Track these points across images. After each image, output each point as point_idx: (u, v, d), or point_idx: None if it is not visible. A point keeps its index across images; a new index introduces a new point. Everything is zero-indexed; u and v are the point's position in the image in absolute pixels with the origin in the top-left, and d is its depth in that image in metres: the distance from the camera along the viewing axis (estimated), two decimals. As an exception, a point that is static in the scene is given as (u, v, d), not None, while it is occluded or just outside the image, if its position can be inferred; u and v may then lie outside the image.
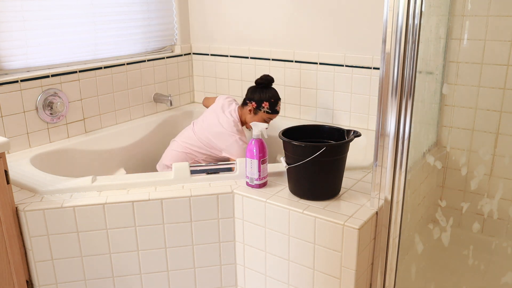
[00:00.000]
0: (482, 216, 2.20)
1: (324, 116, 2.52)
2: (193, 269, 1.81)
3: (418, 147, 2.02)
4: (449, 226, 2.13)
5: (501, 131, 2.10)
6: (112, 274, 1.76)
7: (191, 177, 1.83)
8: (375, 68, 2.30)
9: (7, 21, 2.08)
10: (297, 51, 2.52)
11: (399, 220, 1.60)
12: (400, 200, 1.59)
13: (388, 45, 1.47)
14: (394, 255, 1.64)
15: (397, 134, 1.53)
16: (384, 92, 1.52)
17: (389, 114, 1.53)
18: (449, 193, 2.28)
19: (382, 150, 1.57)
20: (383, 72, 1.50)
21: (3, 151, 1.58)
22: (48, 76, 2.19)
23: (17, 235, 1.65)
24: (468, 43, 2.09)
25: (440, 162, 2.20)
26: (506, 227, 2.16)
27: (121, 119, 2.58)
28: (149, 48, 2.74)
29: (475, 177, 2.18)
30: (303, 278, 1.68)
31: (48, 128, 2.23)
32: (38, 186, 1.76)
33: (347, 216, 1.56)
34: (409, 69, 1.47)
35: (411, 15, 1.41)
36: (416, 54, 1.45)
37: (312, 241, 1.61)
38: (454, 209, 2.26)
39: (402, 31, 1.44)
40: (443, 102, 2.22)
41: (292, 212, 1.63)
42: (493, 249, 2.15)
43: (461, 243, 2.17)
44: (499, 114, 2.08)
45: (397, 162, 1.55)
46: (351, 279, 1.56)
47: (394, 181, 1.58)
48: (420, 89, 1.81)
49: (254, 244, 1.77)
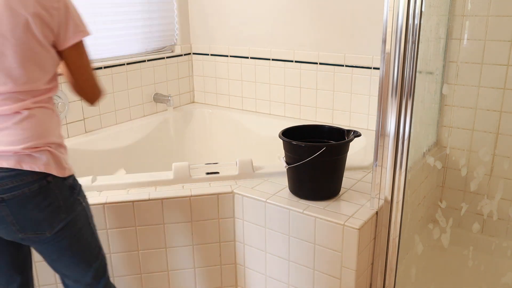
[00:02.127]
0: (482, 216, 2.20)
1: (324, 116, 2.52)
2: (193, 269, 1.81)
3: (418, 147, 2.02)
4: (448, 227, 2.13)
5: (501, 131, 2.10)
6: (112, 274, 1.76)
7: (191, 177, 1.83)
8: (375, 68, 2.29)
9: (7, 21, 2.08)
10: (297, 51, 2.52)
11: (399, 220, 1.60)
12: (400, 200, 1.59)
13: (388, 45, 1.47)
14: (394, 255, 1.64)
15: (397, 134, 1.53)
16: (384, 92, 1.52)
17: (389, 114, 1.53)
18: (449, 193, 2.28)
19: (382, 150, 1.57)
20: (383, 72, 1.51)
21: (3, 151, 1.58)
22: (48, 76, 2.19)
23: (17, 235, 1.65)
24: (468, 43, 2.09)
25: (440, 162, 2.20)
26: (506, 227, 2.16)
27: (121, 119, 2.58)
28: (149, 48, 2.74)
29: (475, 178, 2.18)
30: (303, 278, 1.68)
31: (48, 128, 2.23)
32: (38, 186, 1.76)
33: (347, 216, 1.56)
34: (409, 69, 1.47)
35: (411, 15, 1.42)
36: (416, 54, 1.46)
37: (312, 241, 1.61)
38: (454, 209, 2.26)
39: (402, 31, 1.44)
40: (443, 102, 2.22)
41: (292, 212, 1.63)
42: (493, 250, 2.15)
43: (461, 243, 2.17)
44: (499, 114, 2.08)
45: (397, 162, 1.56)
46: (351, 279, 1.56)
47: (394, 181, 1.58)
48: (420, 89, 1.81)
49: (254, 244, 1.77)
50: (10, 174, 1.12)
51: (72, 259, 1.28)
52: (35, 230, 1.18)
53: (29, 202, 1.15)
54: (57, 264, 1.31)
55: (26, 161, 1.13)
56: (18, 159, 1.13)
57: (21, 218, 1.15)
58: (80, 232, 1.28)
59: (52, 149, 1.19)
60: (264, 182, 1.83)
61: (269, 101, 2.69)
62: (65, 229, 1.23)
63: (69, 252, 1.27)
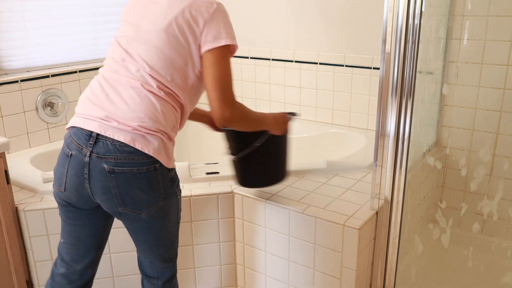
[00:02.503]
0: (482, 217, 2.20)
1: (324, 116, 2.52)
2: (193, 269, 1.81)
3: (418, 147, 2.02)
4: (448, 227, 2.13)
5: (501, 131, 2.09)
6: (112, 274, 1.76)
7: (191, 177, 1.83)
8: (375, 68, 2.29)
9: (7, 21, 2.08)
10: (297, 51, 2.52)
11: (399, 220, 1.60)
12: (400, 200, 1.59)
13: (388, 45, 1.47)
14: (394, 255, 1.64)
15: (397, 134, 1.53)
16: (384, 92, 1.52)
17: (389, 114, 1.53)
18: (449, 193, 2.28)
19: (382, 150, 1.57)
20: (383, 72, 1.51)
21: (3, 151, 1.58)
22: (48, 76, 2.19)
23: (17, 235, 1.65)
24: (468, 43, 2.09)
25: (440, 162, 2.20)
26: (506, 228, 2.16)
27: (121, 119, 2.58)
28: (149, 48, 2.74)
29: (475, 179, 2.18)
30: (303, 278, 1.68)
31: (48, 128, 2.23)
32: (38, 186, 1.76)
33: (347, 216, 1.56)
34: (409, 69, 1.47)
35: (411, 15, 1.42)
36: (416, 54, 1.46)
37: (312, 241, 1.61)
38: (454, 209, 2.26)
39: (402, 31, 1.44)
40: (443, 102, 2.22)
41: (292, 212, 1.63)
42: (493, 250, 2.14)
43: (461, 243, 2.17)
44: (499, 114, 2.08)
45: (397, 162, 1.56)
46: (351, 279, 1.56)
47: (394, 181, 1.58)
48: (420, 89, 1.81)
49: (254, 244, 1.77)
50: (125, 149, 1.19)
51: (155, 242, 1.36)
52: (133, 208, 1.25)
53: (135, 181, 1.22)
54: (140, 244, 1.38)
55: (139, 141, 1.20)
56: (133, 137, 1.20)
57: (124, 194, 1.22)
58: (169, 220, 1.35)
59: (164, 138, 1.25)
60: (264, 182, 1.83)
61: (269, 101, 2.69)
62: (158, 215, 1.29)
63: (155, 236, 1.34)
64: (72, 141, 1.24)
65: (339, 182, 1.84)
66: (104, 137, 1.20)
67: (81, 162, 1.21)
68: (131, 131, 1.20)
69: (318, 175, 1.90)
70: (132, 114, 1.21)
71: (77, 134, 1.23)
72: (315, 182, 1.84)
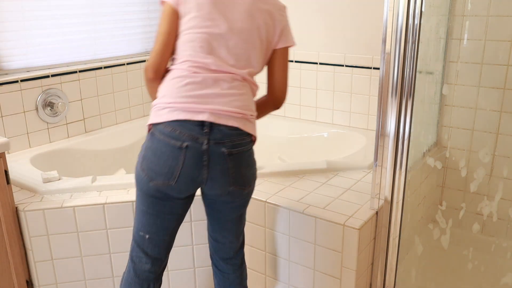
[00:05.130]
0: (482, 217, 2.20)
1: (324, 116, 2.52)
2: (193, 269, 1.81)
3: (418, 147, 2.02)
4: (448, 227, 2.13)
5: (501, 131, 2.09)
6: (112, 274, 1.76)
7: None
8: (375, 68, 2.29)
9: (7, 21, 2.08)
10: (297, 51, 2.52)
11: (399, 220, 1.60)
12: (400, 200, 1.59)
13: (388, 45, 1.47)
14: (394, 255, 1.64)
15: (397, 134, 1.53)
16: (384, 92, 1.52)
17: (389, 114, 1.53)
18: (449, 193, 2.28)
19: (382, 150, 1.57)
20: (383, 72, 1.51)
21: (3, 151, 1.58)
22: (48, 76, 2.19)
23: (17, 235, 1.65)
24: (468, 43, 2.09)
25: (440, 162, 2.20)
26: (506, 228, 2.16)
27: (121, 119, 2.58)
28: (149, 48, 2.73)
29: (475, 179, 2.18)
30: (303, 278, 1.68)
31: (48, 128, 2.23)
32: (38, 186, 1.76)
33: (347, 216, 1.56)
34: (409, 69, 1.47)
35: (411, 15, 1.42)
36: (416, 54, 1.46)
37: (312, 241, 1.61)
38: (454, 210, 2.26)
39: (402, 31, 1.44)
40: (443, 102, 2.22)
41: (292, 212, 1.63)
42: (493, 250, 2.14)
43: (461, 243, 2.17)
44: (499, 114, 2.08)
45: (397, 162, 1.56)
46: (351, 279, 1.56)
47: (394, 181, 1.58)
48: (420, 89, 1.81)
49: (254, 244, 1.77)
50: (238, 132, 1.32)
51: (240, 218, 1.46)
52: (241, 184, 1.35)
53: (244, 159, 1.35)
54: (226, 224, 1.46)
55: (246, 124, 1.34)
56: (243, 122, 1.33)
57: (237, 172, 1.33)
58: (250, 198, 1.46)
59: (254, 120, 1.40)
60: (264, 182, 1.83)
61: (269, 101, 2.69)
62: (252, 189, 1.41)
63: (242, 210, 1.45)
64: (181, 133, 1.28)
65: (339, 182, 1.84)
66: (217, 124, 1.29)
67: (199, 150, 1.27)
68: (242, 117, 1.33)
69: (318, 175, 1.90)
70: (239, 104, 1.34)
71: (186, 126, 1.28)
72: (315, 182, 1.84)
